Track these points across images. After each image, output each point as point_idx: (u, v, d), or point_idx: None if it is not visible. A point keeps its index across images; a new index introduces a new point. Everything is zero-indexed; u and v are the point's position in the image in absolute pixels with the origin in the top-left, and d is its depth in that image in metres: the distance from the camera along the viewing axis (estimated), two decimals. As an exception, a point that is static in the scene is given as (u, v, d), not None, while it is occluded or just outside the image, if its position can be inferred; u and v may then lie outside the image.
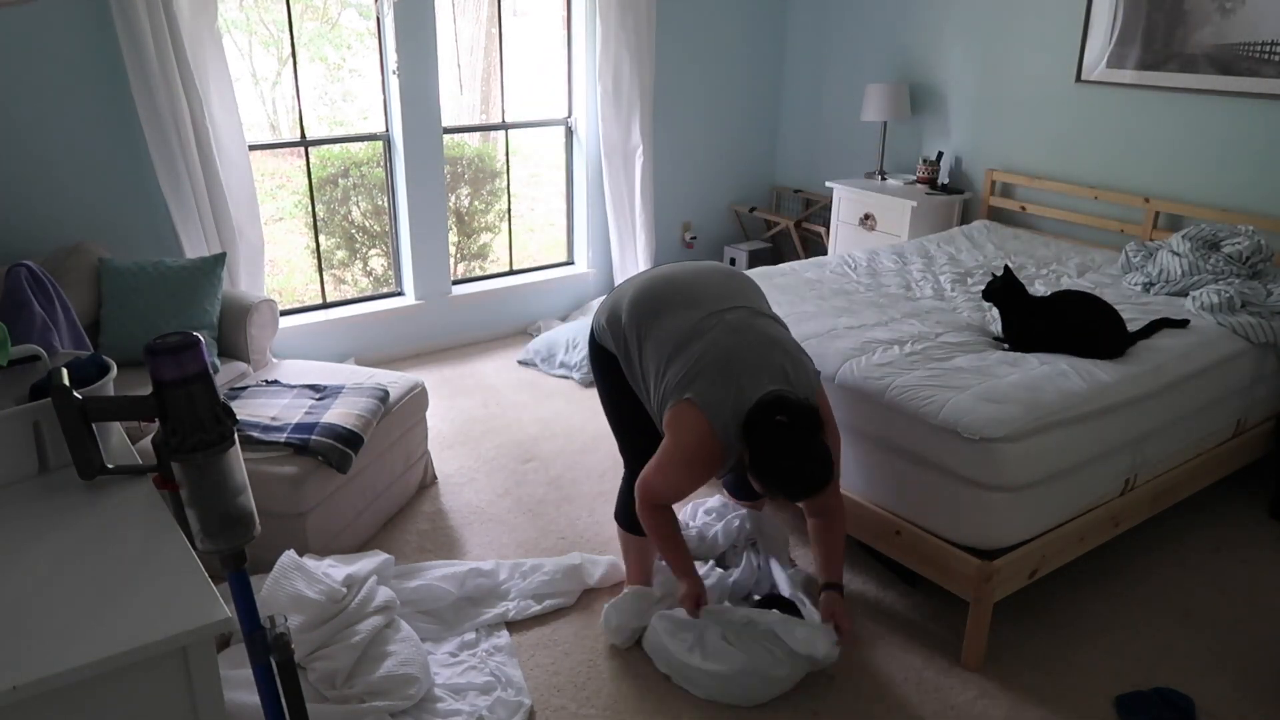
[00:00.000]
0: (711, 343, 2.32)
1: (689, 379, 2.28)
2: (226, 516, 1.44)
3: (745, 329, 2.35)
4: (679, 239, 5.69)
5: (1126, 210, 4.23)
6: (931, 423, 2.52)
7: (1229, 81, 3.77)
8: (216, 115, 3.88)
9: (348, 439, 2.89)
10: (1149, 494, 2.90)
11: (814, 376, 2.41)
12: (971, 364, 2.78)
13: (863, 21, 5.19)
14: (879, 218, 4.78)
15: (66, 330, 3.19)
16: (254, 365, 3.56)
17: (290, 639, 1.52)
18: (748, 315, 2.41)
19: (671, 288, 2.49)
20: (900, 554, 2.70)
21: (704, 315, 2.38)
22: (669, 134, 5.38)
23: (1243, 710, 2.43)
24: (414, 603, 2.73)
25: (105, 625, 1.28)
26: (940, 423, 2.50)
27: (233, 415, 1.47)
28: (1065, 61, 4.32)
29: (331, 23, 5.67)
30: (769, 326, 2.41)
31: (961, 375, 2.69)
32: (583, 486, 3.51)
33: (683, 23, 5.23)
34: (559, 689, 2.49)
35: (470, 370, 4.65)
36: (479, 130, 5.89)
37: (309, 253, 4.92)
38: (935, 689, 2.50)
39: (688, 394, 2.27)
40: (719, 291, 2.47)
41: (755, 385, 2.26)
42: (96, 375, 1.76)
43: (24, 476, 1.66)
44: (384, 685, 2.32)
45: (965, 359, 2.83)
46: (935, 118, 4.95)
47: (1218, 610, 2.83)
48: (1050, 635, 2.71)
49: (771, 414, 2.18)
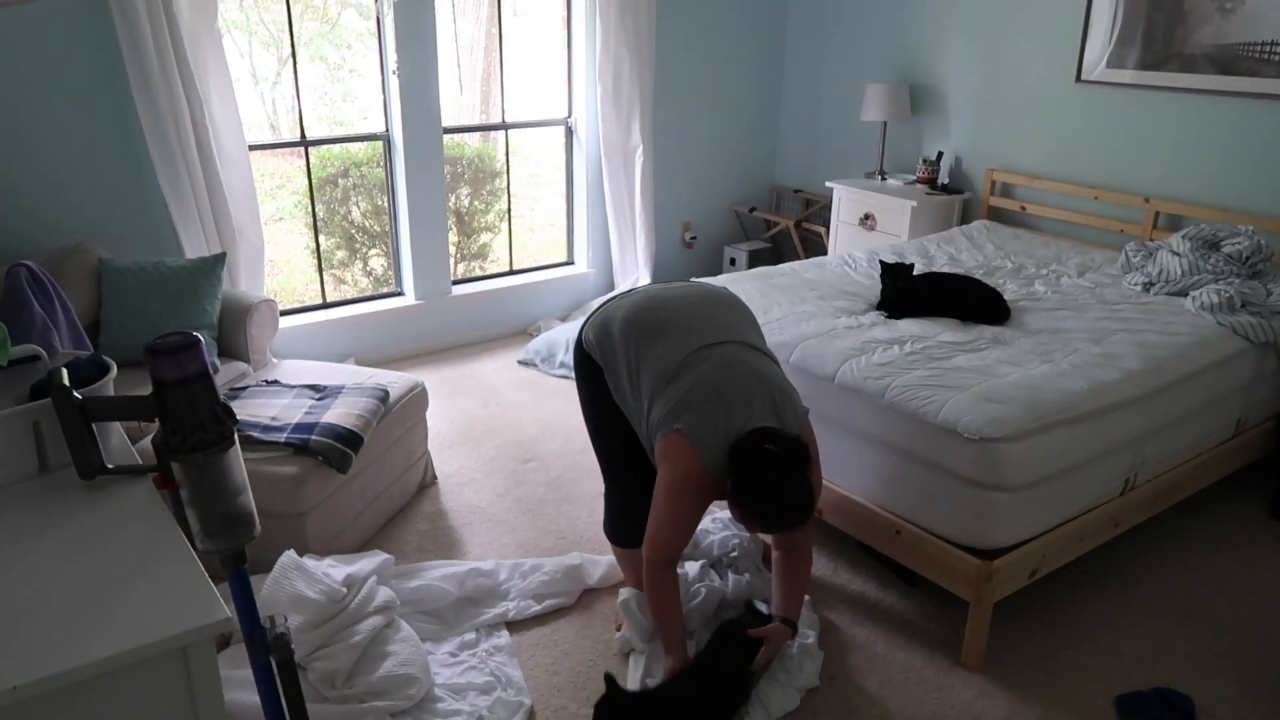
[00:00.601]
0: (701, 375, 2.31)
1: (679, 410, 2.28)
2: (226, 516, 1.44)
3: (737, 363, 2.35)
4: (679, 239, 5.69)
5: (1126, 210, 4.23)
6: (931, 423, 2.52)
7: (1229, 81, 3.77)
8: (216, 115, 3.88)
9: (348, 439, 2.89)
10: (1149, 494, 2.90)
11: (803, 414, 2.41)
12: (971, 364, 2.78)
13: (863, 21, 5.19)
14: (879, 218, 4.78)
15: (66, 330, 3.19)
16: (254, 365, 3.56)
17: (290, 639, 1.52)
18: (740, 350, 2.40)
19: (666, 312, 2.47)
20: (900, 554, 2.70)
21: (696, 348, 2.37)
22: (669, 134, 5.38)
23: (1243, 710, 2.43)
24: (414, 603, 2.73)
25: (105, 625, 1.28)
26: (940, 423, 2.50)
27: (233, 415, 1.47)
28: (1065, 61, 4.32)
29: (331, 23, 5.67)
30: (761, 362, 2.41)
31: (961, 375, 2.69)
32: (583, 486, 3.51)
33: (683, 23, 5.23)
34: (559, 689, 2.49)
35: (470, 370, 4.65)
36: (479, 130, 5.89)
37: (309, 253, 4.92)
38: (935, 689, 2.50)
39: (677, 425, 2.27)
40: (712, 323, 2.46)
41: (746, 417, 2.26)
42: (96, 375, 1.76)
43: (24, 476, 1.66)
44: (384, 685, 2.32)
45: (965, 359, 2.83)
46: (935, 118, 4.95)
47: (1218, 610, 2.83)
48: (1050, 635, 2.71)
49: (760, 442, 2.19)
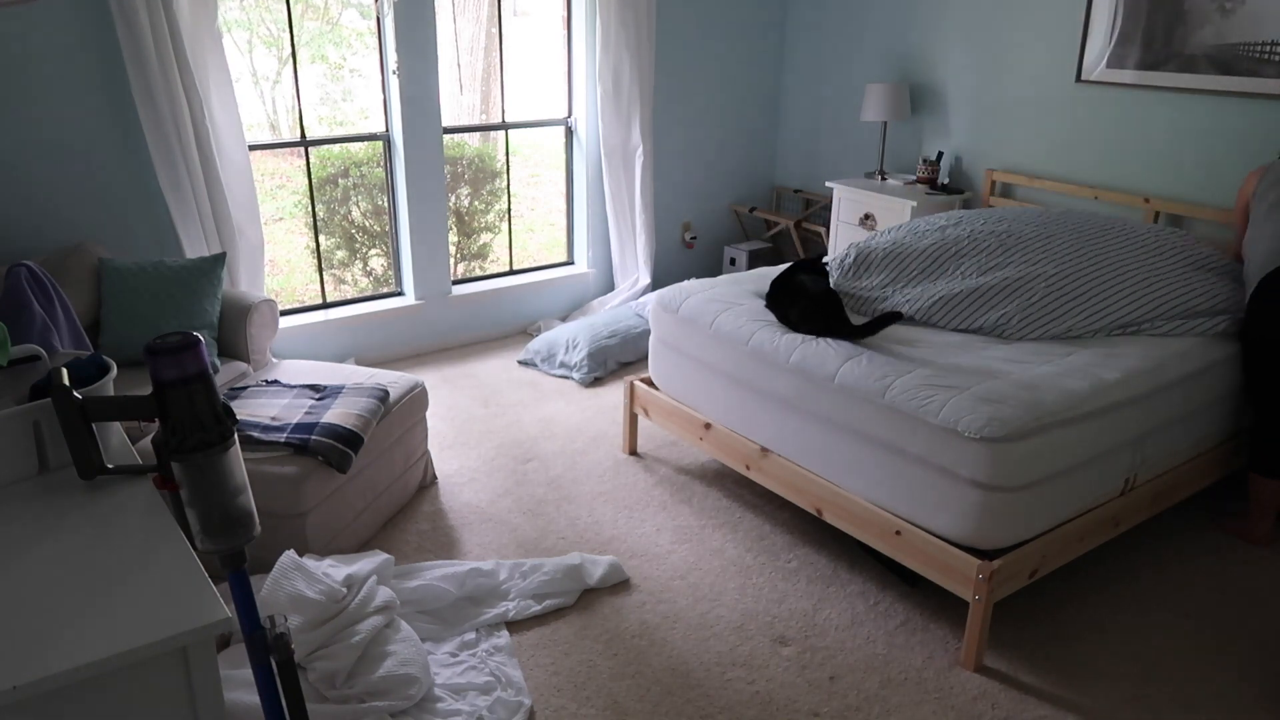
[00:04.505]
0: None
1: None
2: (226, 516, 1.44)
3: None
4: (679, 239, 5.69)
5: (1126, 210, 4.23)
6: (931, 423, 2.52)
7: (1229, 81, 3.77)
8: (216, 115, 3.88)
9: (348, 439, 2.89)
10: (1149, 494, 2.90)
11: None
12: (971, 364, 2.78)
13: (863, 21, 5.19)
14: (879, 218, 4.78)
15: (66, 330, 3.19)
16: (254, 365, 3.56)
17: (290, 639, 1.52)
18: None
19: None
20: (900, 554, 2.70)
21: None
22: (669, 134, 5.38)
23: (1243, 710, 2.43)
24: (414, 603, 2.73)
25: (105, 625, 1.28)
26: (940, 423, 2.50)
27: (233, 415, 1.47)
28: (1065, 61, 4.32)
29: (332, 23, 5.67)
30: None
31: (961, 375, 2.69)
32: (583, 486, 3.51)
33: (683, 23, 5.23)
34: (559, 689, 2.49)
35: (470, 370, 4.65)
36: (479, 130, 5.90)
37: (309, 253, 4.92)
38: (935, 689, 2.50)
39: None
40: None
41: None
42: (96, 375, 1.76)
43: (24, 476, 1.66)
44: (384, 685, 2.32)
45: (965, 358, 2.83)
46: (935, 118, 4.95)
47: (1218, 610, 2.83)
48: (1050, 635, 2.71)
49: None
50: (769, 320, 3.14)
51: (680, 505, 3.38)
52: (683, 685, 2.50)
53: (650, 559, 3.05)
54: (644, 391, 3.62)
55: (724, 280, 3.60)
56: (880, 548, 2.77)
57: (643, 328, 4.68)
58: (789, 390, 2.95)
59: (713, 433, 3.31)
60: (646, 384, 3.65)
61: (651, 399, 3.58)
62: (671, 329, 3.43)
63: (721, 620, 2.76)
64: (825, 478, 2.90)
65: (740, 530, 3.22)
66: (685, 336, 3.36)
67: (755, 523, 3.27)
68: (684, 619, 2.77)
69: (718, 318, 3.23)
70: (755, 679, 2.53)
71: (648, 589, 2.90)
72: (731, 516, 3.31)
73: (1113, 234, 3.36)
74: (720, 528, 3.24)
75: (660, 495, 3.45)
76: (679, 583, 2.93)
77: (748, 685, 2.50)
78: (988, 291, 3.10)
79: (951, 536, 2.54)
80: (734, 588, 2.91)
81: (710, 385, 3.29)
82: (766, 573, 2.99)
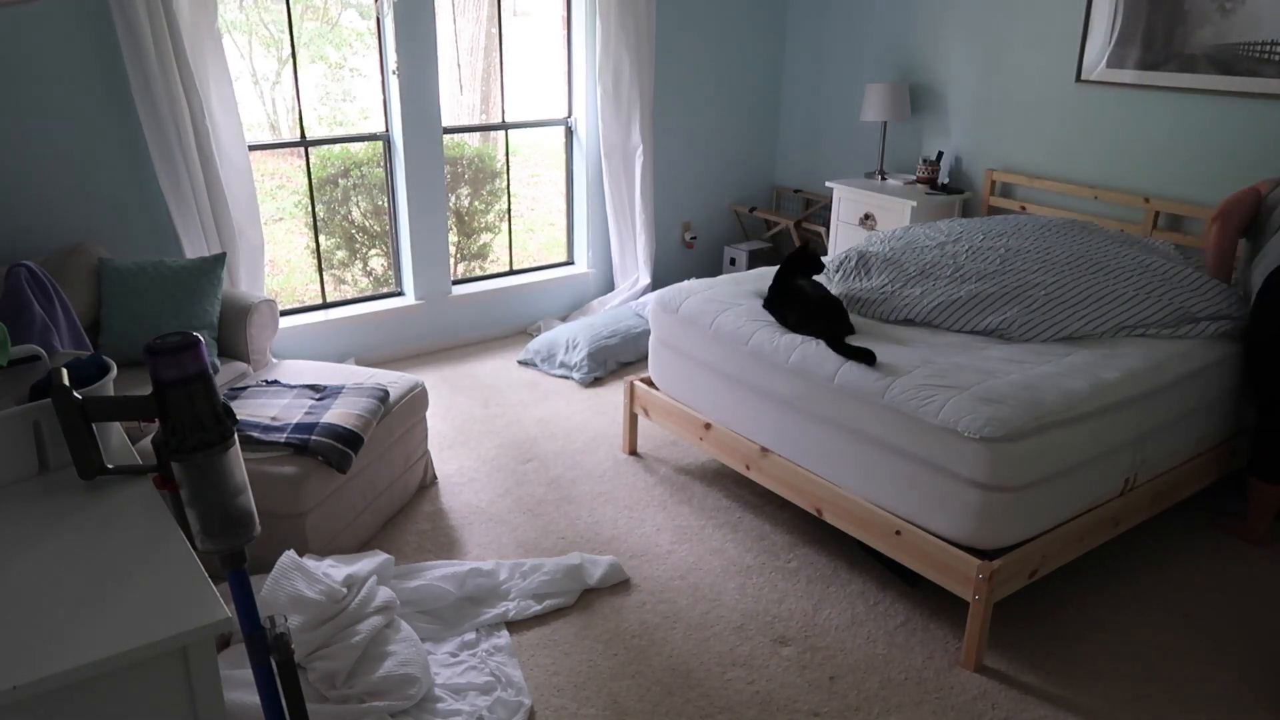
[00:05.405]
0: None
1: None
2: (226, 516, 1.44)
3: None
4: (679, 239, 5.69)
5: (1126, 210, 4.23)
6: (931, 423, 2.52)
7: (1229, 81, 3.77)
8: (216, 115, 3.88)
9: (348, 439, 2.89)
10: (1149, 494, 2.90)
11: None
12: (971, 364, 2.78)
13: (863, 21, 5.19)
14: (879, 218, 4.78)
15: (66, 330, 3.19)
16: (254, 365, 3.56)
17: (290, 639, 1.52)
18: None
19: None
20: (900, 554, 2.70)
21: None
22: (669, 134, 5.38)
23: (1243, 710, 2.43)
24: (414, 603, 2.73)
25: (105, 625, 1.28)
26: (940, 423, 2.50)
27: (233, 415, 1.47)
28: (1065, 61, 4.32)
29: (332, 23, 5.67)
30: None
31: (961, 375, 2.69)
32: (583, 486, 3.51)
33: (683, 23, 5.23)
34: (559, 689, 2.49)
35: (470, 370, 4.65)
36: (479, 130, 5.90)
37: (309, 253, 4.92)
38: (935, 689, 2.50)
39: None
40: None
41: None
42: (96, 375, 1.76)
43: (24, 476, 1.66)
44: (384, 685, 2.32)
45: (965, 358, 2.83)
46: (935, 118, 4.95)
47: (1218, 610, 2.83)
48: (1050, 635, 2.71)
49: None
50: (768, 320, 3.14)
51: (680, 505, 3.38)
52: (683, 685, 2.50)
53: (650, 559, 3.05)
54: (644, 391, 3.62)
55: (724, 280, 3.60)
56: (880, 548, 2.77)
57: (643, 328, 4.68)
58: (789, 390, 2.95)
59: (713, 433, 3.31)
60: (646, 384, 3.66)
61: (651, 399, 3.58)
62: (671, 329, 3.44)
63: (721, 620, 2.76)
64: (825, 478, 2.90)
65: (740, 530, 3.22)
66: (685, 336, 3.37)
67: (755, 523, 3.27)
68: (684, 619, 2.77)
69: (717, 318, 3.23)
70: (755, 679, 2.53)
71: (648, 589, 2.90)
72: (731, 516, 3.31)
73: (1112, 245, 3.37)
74: (720, 528, 3.24)
75: (660, 495, 3.45)
76: (679, 583, 2.94)
77: (748, 685, 2.50)
78: (988, 297, 3.10)
79: (951, 536, 2.54)
80: (734, 588, 2.91)
81: (710, 385, 3.29)
82: (766, 573, 2.99)
